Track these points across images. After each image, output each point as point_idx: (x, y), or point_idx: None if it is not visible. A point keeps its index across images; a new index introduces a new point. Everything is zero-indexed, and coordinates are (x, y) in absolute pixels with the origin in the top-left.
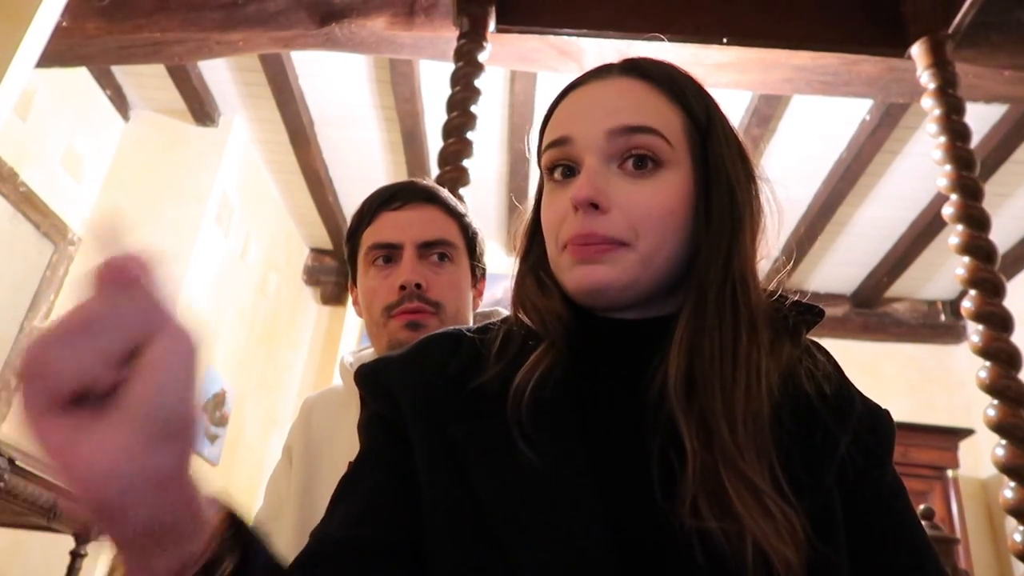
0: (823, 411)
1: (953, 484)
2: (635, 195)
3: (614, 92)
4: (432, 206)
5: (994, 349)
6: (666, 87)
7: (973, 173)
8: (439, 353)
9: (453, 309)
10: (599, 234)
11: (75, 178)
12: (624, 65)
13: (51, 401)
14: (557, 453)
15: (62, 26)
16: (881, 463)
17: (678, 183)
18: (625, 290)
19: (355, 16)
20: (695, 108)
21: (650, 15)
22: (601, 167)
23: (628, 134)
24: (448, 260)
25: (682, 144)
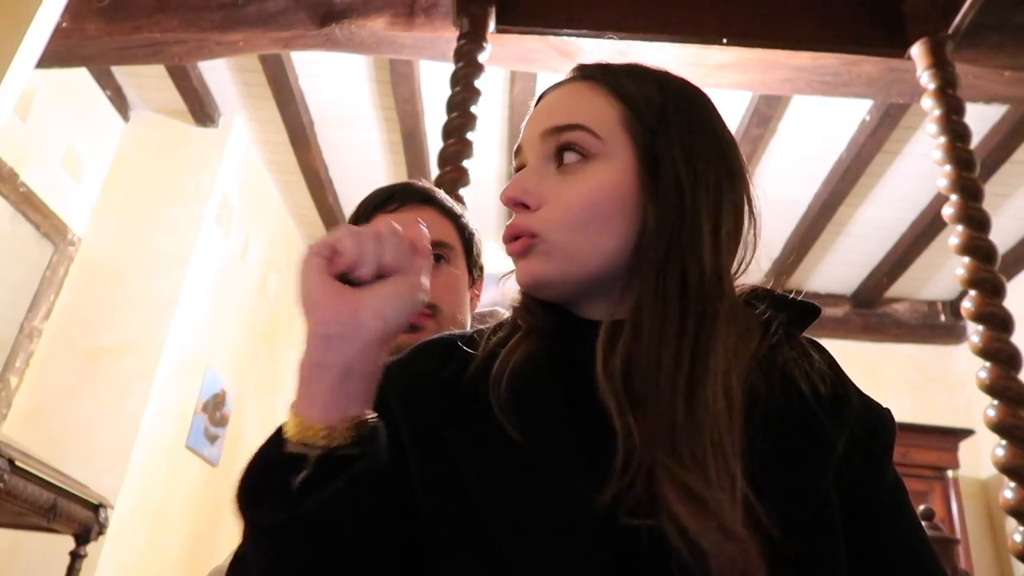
0: (818, 411)
1: (953, 484)
2: (561, 189)
3: (556, 98)
4: (428, 207)
5: (994, 349)
6: (607, 84)
7: (973, 173)
8: (433, 358)
9: (450, 311)
10: (518, 226)
11: (75, 178)
12: (574, 71)
13: (325, 267)
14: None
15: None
16: (881, 463)
17: (609, 174)
18: (555, 282)
19: (355, 16)
20: (639, 100)
21: (650, 16)
22: (539, 167)
23: (556, 133)
24: (444, 262)
25: (618, 136)
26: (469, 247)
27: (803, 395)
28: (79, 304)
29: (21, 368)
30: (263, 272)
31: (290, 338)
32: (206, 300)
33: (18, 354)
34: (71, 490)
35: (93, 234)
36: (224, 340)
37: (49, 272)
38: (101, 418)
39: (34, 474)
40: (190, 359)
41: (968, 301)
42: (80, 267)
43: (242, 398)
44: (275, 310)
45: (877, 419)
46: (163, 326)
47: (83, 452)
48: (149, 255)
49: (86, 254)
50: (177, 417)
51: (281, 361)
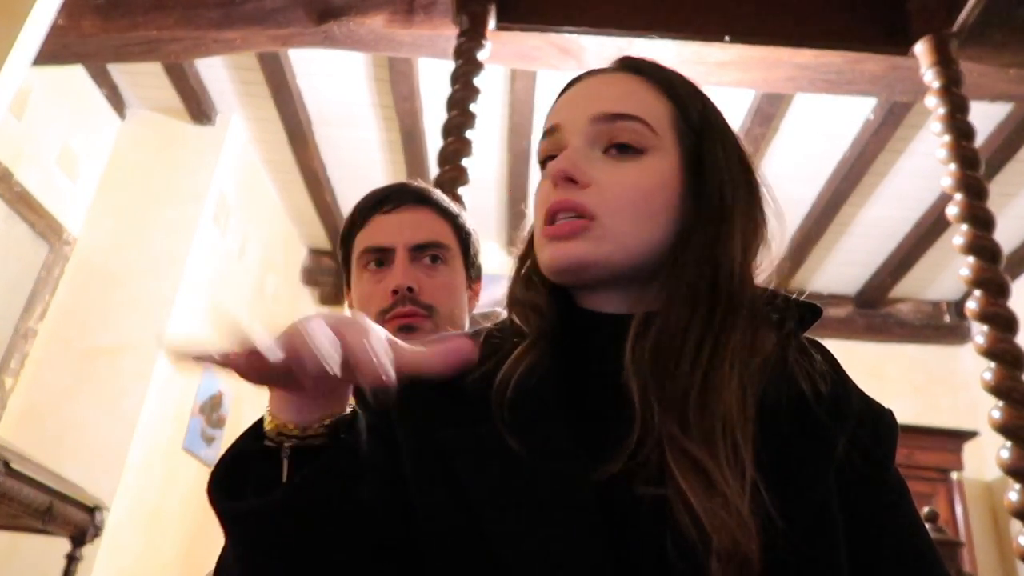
0: (818, 410)
1: (957, 486)
2: (613, 175)
3: (603, 83)
4: (424, 208)
5: (999, 350)
6: (656, 80)
7: (978, 172)
8: None
9: (447, 312)
10: (572, 201)
11: (71, 178)
12: (619, 62)
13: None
14: (543, 445)
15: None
16: (883, 464)
17: (660, 169)
18: (596, 267)
19: (353, 14)
20: (687, 103)
21: (652, 13)
22: (584, 148)
23: (611, 120)
24: (441, 262)
25: (668, 133)
26: (466, 247)
27: (804, 395)
28: (75, 304)
29: (16, 369)
30: (260, 272)
31: None
32: (203, 300)
33: (13, 355)
34: (67, 492)
35: (89, 234)
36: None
37: (44, 272)
38: (97, 419)
39: (29, 476)
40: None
41: (973, 301)
42: (76, 267)
43: (239, 400)
44: (273, 311)
45: (879, 420)
46: (159, 326)
47: (79, 454)
48: (145, 255)
49: (82, 254)
50: (174, 418)
51: None
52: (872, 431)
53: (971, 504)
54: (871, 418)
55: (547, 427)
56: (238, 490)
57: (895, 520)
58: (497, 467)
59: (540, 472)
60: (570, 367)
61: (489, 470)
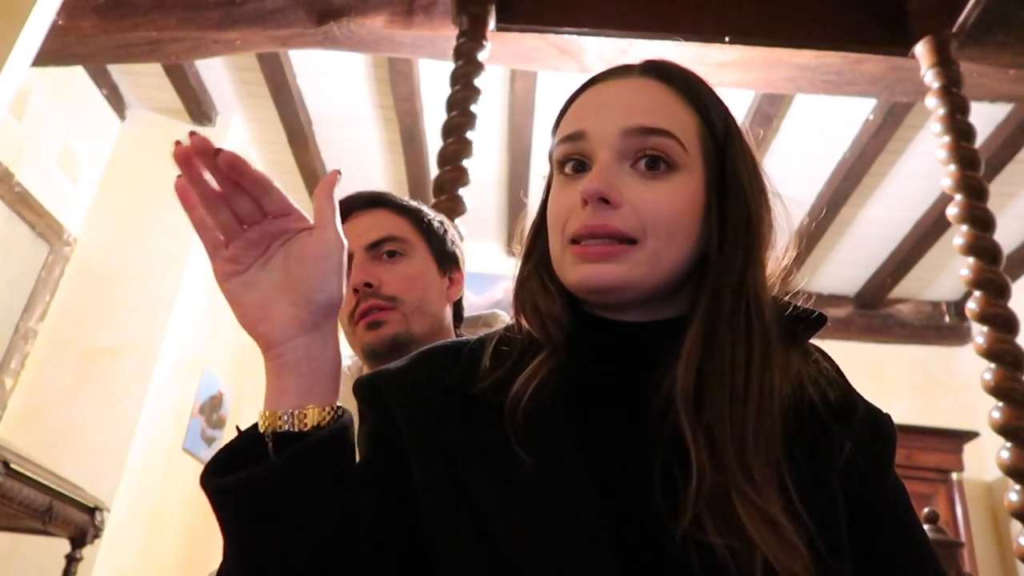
0: (827, 415)
1: (958, 487)
2: (647, 194)
3: (632, 91)
4: (376, 209)
5: (999, 351)
6: (684, 91)
7: (978, 173)
8: (437, 364)
9: (414, 300)
10: (610, 226)
11: (71, 178)
12: (644, 66)
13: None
14: (555, 460)
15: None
16: (883, 467)
17: (690, 187)
18: (630, 289)
19: (353, 15)
20: (713, 115)
21: (652, 13)
22: (614, 163)
23: (643, 135)
24: (399, 255)
25: (696, 149)
26: (431, 237)
27: (812, 401)
28: (75, 305)
29: (16, 369)
30: None
31: None
32: (203, 301)
33: (13, 355)
34: (67, 493)
35: (89, 234)
36: (221, 341)
37: (44, 273)
38: (97, 420)
39: (29, 476)
40: (187, 360)
41: (973, 302)
42: (76, 268)
43: (240, 400)
44: None
45: (879, 424)
46: (160, 327)
47: (79, 454)
48: (146, 255)
49: (82, 254)
50: (174, 419)
51: None
52: (873, 435)
53: (971, 505)
54: (873, 422)
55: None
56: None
57: (894, 521)
58: (505, 477)
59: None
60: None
61: (497, 478)
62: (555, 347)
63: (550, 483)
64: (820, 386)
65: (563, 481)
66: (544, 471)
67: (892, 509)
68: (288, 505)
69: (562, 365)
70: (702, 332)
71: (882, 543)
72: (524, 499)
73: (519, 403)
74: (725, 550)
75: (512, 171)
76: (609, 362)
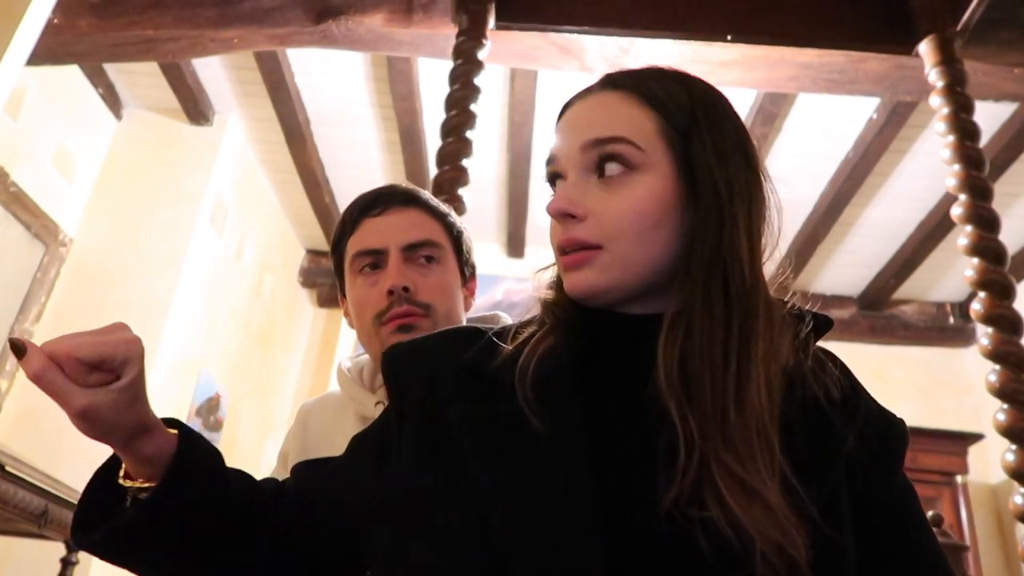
0: (830, 411)
1: (962, 490)
2: (608, 201)
3: (589, 108)
4: (414, 208)
5: (1004, 352)
6: (638, 94)
7: (982, 172)
8: (454, 343)
9: (444, 310)
10: (575, 238)
11: (67, 178)
12: (603, 80)
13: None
14: (554, 427)
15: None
16: (891, 469)
17: (653, 185)
18: (610, 291)
19: (352, 13)
20: (672, 109)
21: (653, 12)
22: (579, 179)
23: (599, 145)
24: (435, 261)
25: (657, 146)
26: (459, 246)
27: (817, 399)
28: (71, 306)
29: (11, 371)
30: (258, 273)
31: (286, 340)
32: (200, 302)
33: (8, 357)
34: (62, 495)
35: (85, 235)
36: (218, 343)
37: (40, 273)
38: None
39: (24, 479)
40: (183, 362)
41: (977, 303)
42: (72, 268)
43: (237, 402)
44: (270, 311)
45: (890, 427)
46: (156, 328)
47: (75, 457)
48: (142, 256)
49: (78, 255)
50: None
51: (276, 364)
52: (883, 436)
53: (976, 508)
54: (883, 424)
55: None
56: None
57: (903, 523)
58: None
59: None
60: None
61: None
62: (557, 322)
63: (546, 449)
64: (824, 383)
65: (559, 448)
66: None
67: (900, 511)
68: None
69: (566, 344)
70: (681, 314)
71: (892, 545)
72: (517, 462)
73: (526, 373)
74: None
75: (512, 171)
76: (611, 351)
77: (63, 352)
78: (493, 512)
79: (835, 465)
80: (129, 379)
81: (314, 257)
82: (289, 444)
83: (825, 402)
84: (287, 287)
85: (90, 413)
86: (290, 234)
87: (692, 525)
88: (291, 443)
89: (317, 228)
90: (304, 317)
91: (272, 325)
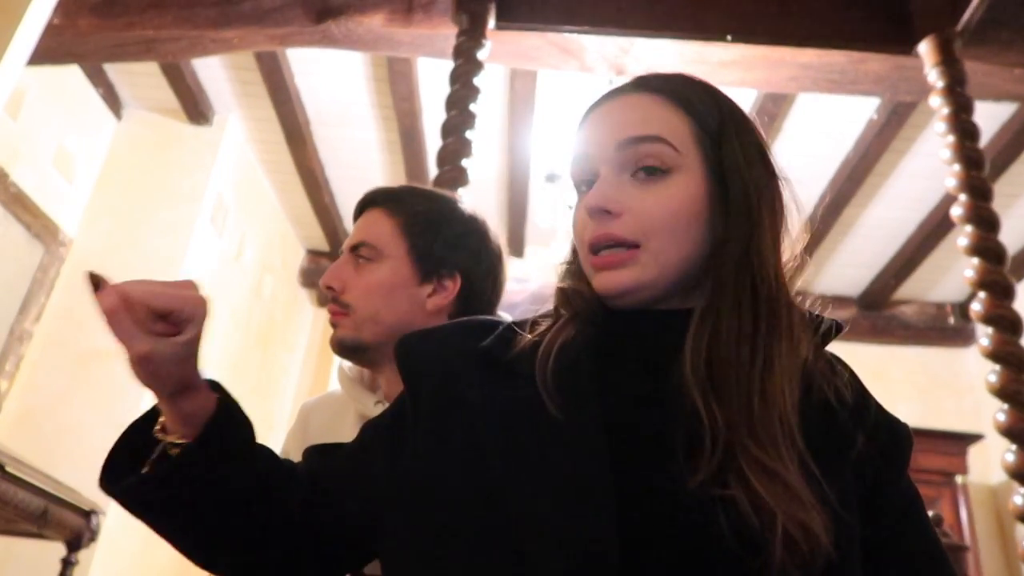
0: (840, 410)
1: (962, 490)
2: (645, 200)
3: (623, 107)
4: (370, 210)
5: (1004, 352)
6: (672, 97)
7: (982, 173)
8: (470, 332)
9: (368, 310)
10: (613, 235)
11: (67, 178)
12: (635, 82)
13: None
14: (574, 417)
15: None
16: (897, 470)
17: (688, 186)
18: (646, 290)
19: (352, 13)
20: (704, 114)
21: (653, 12)
22: (613, 177)
23: (636, 144)
24: (366, 260)
25: (691, 149)
26: (415, 241)
27: (828, 400)
28: (70, 306)
29: (11, 372)
30: (258, 273)
31: (286, 341)
32: None
33: (8, 357)
34: (62, 496)
35: (85, 235)
36: (218, 343)
37: (40, 274)
38: (93, 422)
39: (25, 480)
40: None
41: (977, 303)
42: (71, 269)
43: None
44: (270, 312)
45: (896, 431)
46: None
47: (75, 457)
48: (142, 256)
49: (77, 255)
50: None
51: (276, 364)
52: (890, 438)
53: (976, 508)
54: (890, 428)
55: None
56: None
57: (908, 525)
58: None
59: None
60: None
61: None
62: (577, 312)
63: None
64: (835, 385)
65: (576, 435)
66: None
67: (906, 512)
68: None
69: (587, 332)
70: (710, 308)
71: (896, 545)
72: (533, 447)
73: (547, 360)
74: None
75: (512, 171)
76: (634, 344)
77: (137, 296)
78: (508, 496)
79: (845, 463)
80: (191, 335)
81: (314, 257)
82: (290, 444)
83: (836, 403)
84: (287, 287)
85: (148, 361)
86: (290, 234)
87: (714, 507)
88: (291, 443)
89: (317, 228)
90: (304, 317)
91: (272, 325)
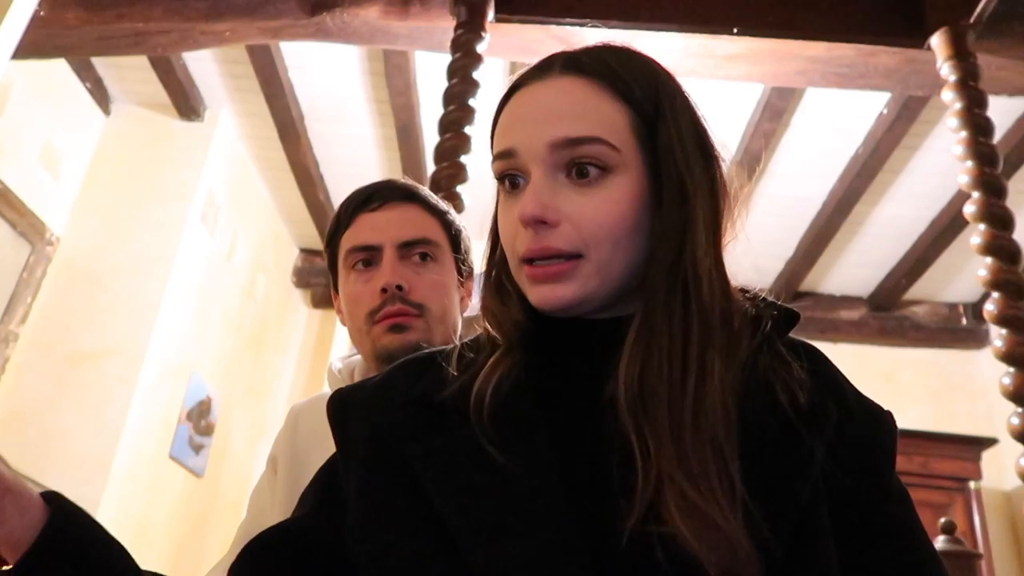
0: (795, 420)
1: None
2: (584, 206)
3: (553, 95)
4: (411, 204)
5: (1018, 354)
6: (608, 82)
7: (996, 169)
8: (405, 378)
9: (439, 310)
10: (552, 247)
11: (53, 175)
12: (565, 62)
13: None
14: (521, 453)
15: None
16: (879, 471)
17: (628, 186)
18: (586, 303)
19: (347, 5)
20: (641, 100)
21: (657, 3)
22: (547, 179)
23: (571, 146)
24: (431, 259)
25: (630, 144)
26: (456, 244)
27: (781, 405)
28: (58, 307)
29: None
30: (250, 273)
31: (279, 342)
32: (191, 302)
33: None
34: None
35: (72, 233)
36: (210, 344)
37: (26, 273)
38: (81, 426)
39: None
40: (174, 364)
41: (991, 304)
42: (59, 268)
43: (228, 405)
44: (263, 313)
45: (875, 423)
46: (146, 330)
47: (62, 462)
48: (131, 255)
49: (65, 254)
50: (160, 425)
51: (269, 366)
52: (866, 436)
53: (990, 514)
54: (867, 421)
55: (525, 438)
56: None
57: (894, 531)
58: (469, 480)
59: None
60: (547, 373)
61: (460, 483)
62: (511, 344)
63: (517, 477)
64: (790, 389)
65: (530, 474)
66: (510, 465)
67: (892, 518)
68: None
69: (523, 364)
70: (640, 324)
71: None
72: (488, 496)
73: (483, 400)
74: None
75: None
76: (569, 360)
77: None
78: (466, 544)
79: (802, 486)
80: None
81: (308, 256)
82: (279, 447)
83: (791, 411)
84: (280, 287)
85: None
86: (283, 233)
87: (652, 542)
88: (280, 446)
89: (311, 227)
90: (298, 318)
91: (265, 326)
